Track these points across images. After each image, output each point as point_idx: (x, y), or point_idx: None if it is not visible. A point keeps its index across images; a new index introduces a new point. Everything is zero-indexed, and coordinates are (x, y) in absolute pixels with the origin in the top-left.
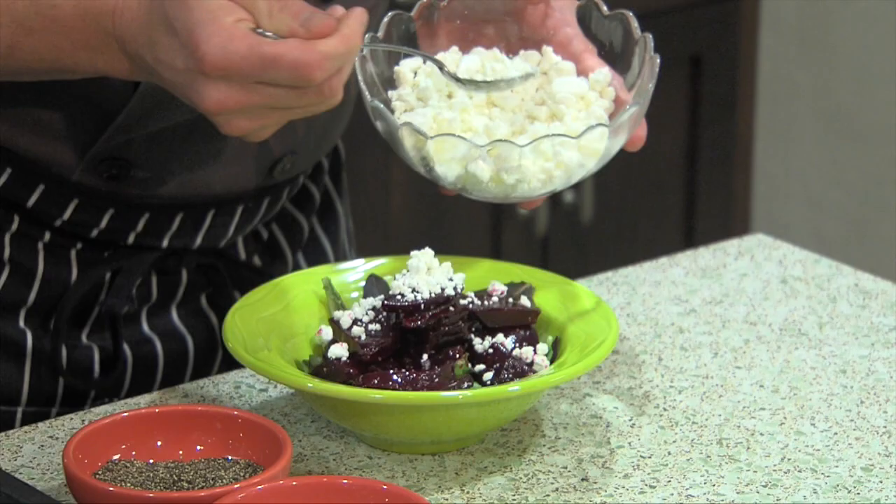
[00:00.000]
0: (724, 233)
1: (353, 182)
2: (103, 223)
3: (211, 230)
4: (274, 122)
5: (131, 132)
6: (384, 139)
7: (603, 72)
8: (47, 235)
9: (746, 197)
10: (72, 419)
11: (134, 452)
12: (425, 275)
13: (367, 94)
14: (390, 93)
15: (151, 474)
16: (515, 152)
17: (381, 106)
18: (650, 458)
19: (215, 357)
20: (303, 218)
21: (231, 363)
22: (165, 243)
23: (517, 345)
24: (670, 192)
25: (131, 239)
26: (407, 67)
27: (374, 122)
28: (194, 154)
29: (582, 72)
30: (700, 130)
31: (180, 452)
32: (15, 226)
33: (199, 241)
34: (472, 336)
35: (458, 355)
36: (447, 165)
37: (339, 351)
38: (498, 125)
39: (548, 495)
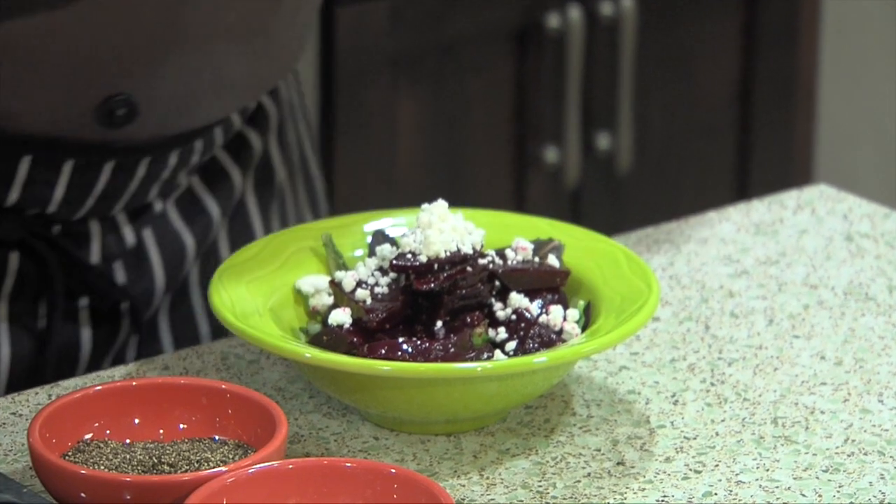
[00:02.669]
0: (781, 183)
1: (353, 124)
2: None
3: (29, 188)
4: None
5: None
6: (389, 73)
7: None
8: None
9: (808, 142)
10: (37, 393)
11: (108, 431)
12: (439, 231)
13: None
14: None
15: (128, 456)
16: None
17: None
18: (695, 439)
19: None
20: (232, 180)
21: (219, 330)
22: None
23: (544, 310)
24: (720, 137)
25: None
26: None
27: None
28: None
29: None
30: (756, 65)
31: (161, 431)
32: None
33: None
34: (493, 300)
35: (476, 322)
36: None
37: (341, 317)
38: None
39: (578, 481)
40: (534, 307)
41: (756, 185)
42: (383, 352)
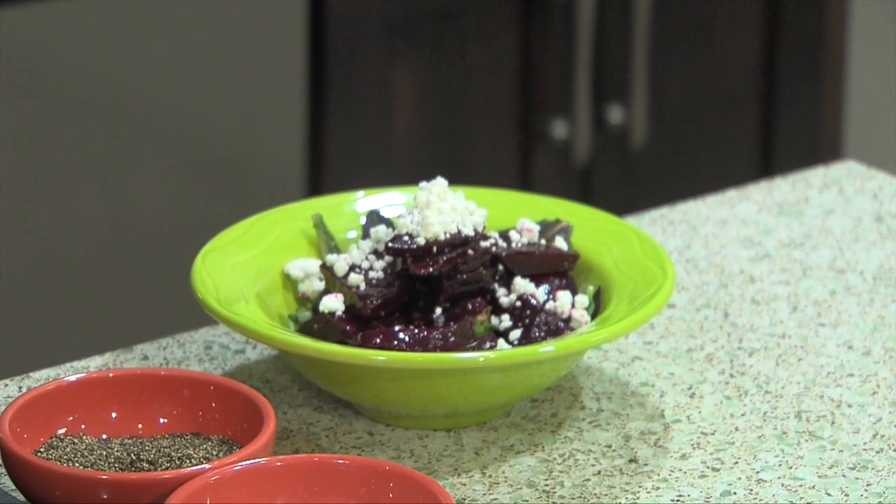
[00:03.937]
0: (807, 159)
1: (346, 96)
2: None
3: None
4: None
5: None
6: (384, 41)
7: None
8: None
9: (835, 115)
10: (7, 385)
11: (83, 426)
12: (438, 211)
13: None
14: None
15: (105, 452)
16: None
17: None
18: (713, 434)
19: None
20: None
21: (201, 318)
22: None
23: (551, 296)
24: (742, 110)
25: None
26: None
27: None
28: None
29: None
30: (780, 32)
31: (139, 426)
32: None
33: None
34: (496, 285)
35: (478, 309)
36: None
37: (334, 303)
38: None
39: (588, 479)
40: (540, 293)
41: (780, 161)
42: (378, 341)
